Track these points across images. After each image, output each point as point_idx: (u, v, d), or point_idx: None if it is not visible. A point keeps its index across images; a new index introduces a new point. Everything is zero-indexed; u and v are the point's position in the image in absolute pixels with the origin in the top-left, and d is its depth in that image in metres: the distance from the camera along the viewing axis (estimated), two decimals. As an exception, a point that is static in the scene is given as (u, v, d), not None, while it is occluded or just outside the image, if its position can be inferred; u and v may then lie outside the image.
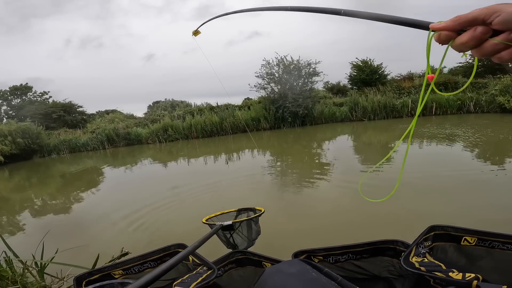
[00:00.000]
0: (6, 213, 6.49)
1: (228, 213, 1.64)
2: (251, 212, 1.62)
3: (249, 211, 1.64)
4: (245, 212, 1.64)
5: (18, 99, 29.66)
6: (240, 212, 1.65)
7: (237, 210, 1.65)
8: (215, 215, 1.59)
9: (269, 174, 7.14)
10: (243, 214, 1.64)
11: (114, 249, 2.45)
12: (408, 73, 27.03)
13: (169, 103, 28.88)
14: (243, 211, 1.65)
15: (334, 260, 1.21)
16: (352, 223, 3.79)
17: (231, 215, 1.63)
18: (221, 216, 1.61)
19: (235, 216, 1.64)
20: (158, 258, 1.29)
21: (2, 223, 5.68)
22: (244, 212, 1.65)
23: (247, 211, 1.64)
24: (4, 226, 5.40)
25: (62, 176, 10.98)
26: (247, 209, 1.65)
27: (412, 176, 5.14)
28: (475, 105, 15.24)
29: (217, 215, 1.60)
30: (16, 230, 4.95)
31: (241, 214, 1.65)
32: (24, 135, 16.29)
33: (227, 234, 1.50)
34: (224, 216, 1.61)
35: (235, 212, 1.65)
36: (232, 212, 1.65)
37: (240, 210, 1.65)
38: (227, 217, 1.61)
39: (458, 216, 3.64)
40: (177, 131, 17.15)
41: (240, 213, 1.65)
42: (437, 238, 1.09)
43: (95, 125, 20.15)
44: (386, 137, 11.36)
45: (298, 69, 16.36)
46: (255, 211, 1.61)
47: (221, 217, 1.60)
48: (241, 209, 1.65)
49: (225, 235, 1.51)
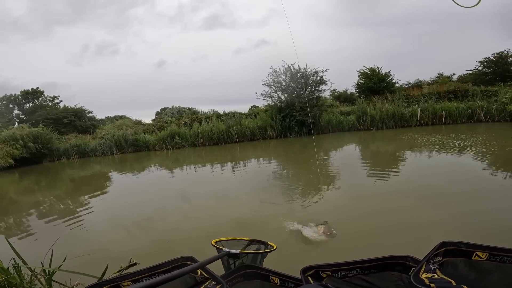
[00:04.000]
0: (15, 217, 6.58)
1: (240, 240, 1.62)
2: (262, 246, 1.60)
3: (260, 244, 1.61)
4: (257, 244, 1.62)
5: (30, 103, 30.39)
6: (251, 242, 1.62)
7: (250, 240, 1.63)
8: (225, 239, 1.58)
9: (274, 182, 7.12)
10: (253, 246, 1.61)
11: (122, 256, 2.45)
12: (416, 81, 26.92)
13: (176, 110, 29.24)
14: (255, 242, 1.62)
15: (342, 275, 1.19)
16: (360, 235, 3.72)
17: (241, 244, 1.61)
18: (232, 242, 1.58)
19: (245, 245, 1.61)
20: (167, 270, 1.29)
21: (11, 228, 5.77)
22: (255, 244, 1.62)
23: (259, 243, 1.61)
24: (13, 231, 5.48)
25: (71, 180, 11.14)
26: (259, 242, 1.62)
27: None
28: (486, 113, 14.93)
29: (228, 240, 1.58)
30: (25, 235, 5.01)
31: (252, 245, 1.62)
32: (36, 139, 16.66)
33: (231, 261, 1.49)
34: (234, 243, 1.58)
35: (246, 241, 1.63)
36: (243, 240, 1.62)
37: (252, 240, 1.63)
38: (237, 244, 1.59)
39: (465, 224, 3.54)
40: (184, 139, 17.28)
41: (252, 243, 1.62)
42: (448, 253, 1.08)
43: (104, 131, 20.50)
44: (394, 147, 11.23)
45: (305, 78, 16.36)
46: (267, 245, 1.58)
47: (232, 243, 1.58)
48: (253, 240, 1.63)
49: (229, 261, 1.49)
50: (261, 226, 4.30)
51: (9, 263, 2.17)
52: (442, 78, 25.79)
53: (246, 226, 4.39)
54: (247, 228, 4.33)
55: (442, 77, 26.06)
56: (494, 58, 20.77)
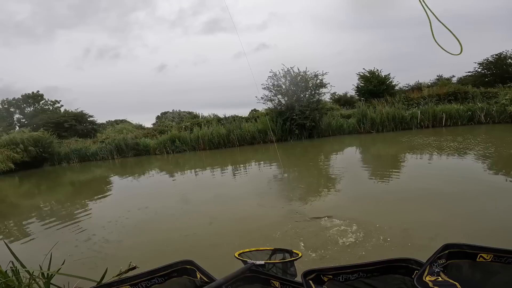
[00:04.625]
0: (15, 220, 6.56)
1: (263, 251, 1.59)
2: (287, 254, 1.58)
3: (285, 253, 1.59)
4: (281, 253, 1.60)
5: (31, 107, 30.46)
6: (275, 252, 1.60)
7: (273, 249, 1.61)
8: (249, 251, 1.56)
9: (276, 186, 7.10)
10: (278, 255, 1.59)
11: (122, 260, 2.43)
12: (416, 83, 26.94)
13: (177, 114, 29.33)
14: (278, 251, 1.60)
15: (344, 279, 1.17)
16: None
17: (265, 254, 1.59)
18: (255, 253, 1.56)
19: (270, 255, 1.59)
20: (166, 274, 1.27)
21: (10, 231, 5.74)
22: (280, 253, 1.60)
23: (283, 252, 1.59)
24: (12, 234, 5.45)
25: (71, 184, 11.13)
26: (283, 250, 1.60)
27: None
28: (486, 115, 14.93)
29: (251, 251, 1.56)
30: (23, 239, 4.99)
31: (276, 254, 1.60)
32: (36, 143, 16.68)
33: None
34: (258, 253, 1.56)
35: (270, 251, 1.61)
36: (267, 250, 1.61)
37: (276, 250, 1.61)
38: (261, 255, 1.57)
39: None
40: (184, 143, 17.28)
41: (276, 253, 1.60)
42: (452, 256, 1.06)
43: (105, 135, 20.53)
44: (395, 150, 11.21)
45: (305, 81, 16.38)
46: (291, 253, 1.56)
47: (255, 253, 1.56)
48: (277, 249, 1.61)
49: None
50: (262, 229, 4.27)
51: (7, 266, 2.15)
52: (442, 80, 25.82)
53: (248, 229, 4.36)
54: (249, 231, 4.30)
55: (442, 79, 26.10)
56: (493, 59, 20.82)
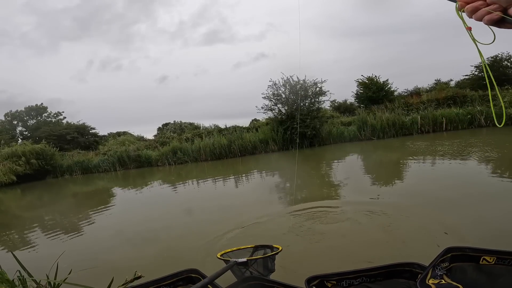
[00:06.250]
0: (21, 231, 6.54)
1: (245, 249, 1.62)
2: (268, 249, 1.61)
3: (266, 248, 1.62)
4: (262, 249, 1.63)
5: (34, 120, 30.60)
6: (257, 248, 1.63)
7: (254, 246, 1.64)
8: (231, 250, 1.59)
9: (278, 194, 7.08)
10: (259, 251, 1.62)
11: (127, 270, 2.43)
12: (415, 88, 26.98)
13: (178, 125, 29.45)
14: (260, 248, 1.63)
15: (348, 284, 1.19)
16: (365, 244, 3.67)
17: (247, 251, 1.62)
18: (237, 252, 1.59)
19: (251, 252, 1.62)
20: (171, 283, 1.30)
21: (16, 241, 5.74)
22: (261, 249, 1.63)
23: (264, 248, 1.62)
24: (18, 244, 5.44)
25: (75, 195, 11.14)
26: (264, 246, 1.63)
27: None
28: (486, 118, 14.92)
29: (233, 251, 1.59)
30: (30, 249, 4.98)
31: (258, 250, 1.63)
32: (38, 156, 16.76)
33: (242, 269, 1.49)
34: (240, 252, 1.59)
35: (251, 248, 1.63)
36: (248, 248, 1.63)
37: (257, 246, 1.64)
38: (243, 253, 1.59)
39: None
40: (186, 154, 17.28)
41: (257, 249, 1.63)
42: (455, 259, 1.08)
43: (107, 147, 20.62)
44: (397, 156, 11.20)
45: (304, 89, 16.46)
46: (272, 248, 1.59)
47: (237, 252, 1.59)
48: (258, 246, 1.64)
49: (241, 270, 1.49)
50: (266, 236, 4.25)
51: (14, 275, 2.17)
52: (440, 84, 25.80)
53: (252, 237, 4.35)
54: (253, 239, 4.28)
55: (440, 84, 26.09)
56: (489, 62, 20.91)
